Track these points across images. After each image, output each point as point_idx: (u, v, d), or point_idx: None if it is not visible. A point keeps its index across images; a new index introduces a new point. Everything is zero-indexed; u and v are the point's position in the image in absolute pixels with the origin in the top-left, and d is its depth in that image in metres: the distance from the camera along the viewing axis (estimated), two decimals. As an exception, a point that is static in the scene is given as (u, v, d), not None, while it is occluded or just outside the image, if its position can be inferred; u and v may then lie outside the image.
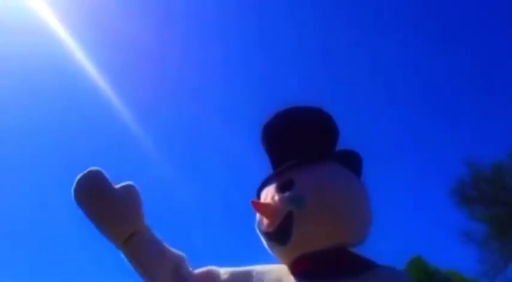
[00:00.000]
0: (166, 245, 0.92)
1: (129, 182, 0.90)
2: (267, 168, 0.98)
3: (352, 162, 0.96)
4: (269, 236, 0.91)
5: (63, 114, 13.03)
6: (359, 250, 0.93)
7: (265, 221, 0.91)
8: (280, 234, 0.88)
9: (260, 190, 0.97)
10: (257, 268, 0.91)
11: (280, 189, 0.91)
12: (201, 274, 0.93)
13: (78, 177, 0.87)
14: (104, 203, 0.86)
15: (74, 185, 0.87)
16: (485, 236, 11.79)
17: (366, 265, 0.87)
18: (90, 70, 9.91)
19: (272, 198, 0.91)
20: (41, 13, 9.59)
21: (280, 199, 0.89)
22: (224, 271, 0.93)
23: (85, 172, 0.87)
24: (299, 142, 0.94)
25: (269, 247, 0.94)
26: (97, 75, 10.10)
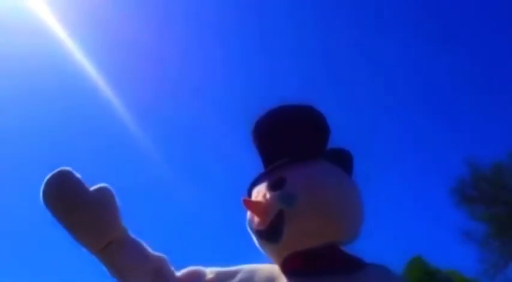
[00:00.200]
0: (145, 248, 0.89)
1: (104, 184, 0.84)
2: (259, 166, 0.97)
3: (343, 160, 0.96)
4: (260, 234, 0.90)
5: (62, 114, 13.03)
6: (354, 248, 0.92)
7: (256, 219, 0.90)
8: (271, 232, 0.87)
9: (251, 188, 0.97)
10: (246, 267, 0.89)
11: (271, 187, 0.90)
12: (185, 275, 0.91)
13: (47, 177, 0.81)
14: (78, 208, 0.80)
15: (43, 186, 0.81)
16: (485, 236, 11.80)
17: (357, 264, 0.87)
18: (89, 70, 9.92)
19: (263, 196, 0.90)
20: (40, 13, 9.60)
21: (271, 197, 0.89)
22: (210, 271, 0.91)
23: (55, 172, 0.81)
24: (290, 140, 0.94)
25: (260, 245, 0.93)
26: (96, 75, 10.11)
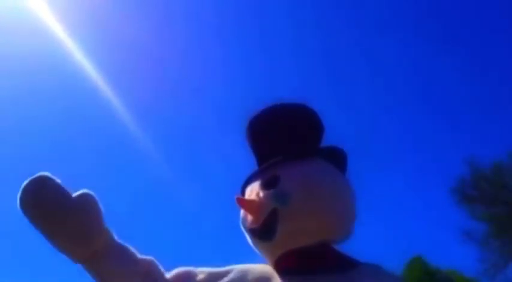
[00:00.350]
0: (132, 253, 0.86)
1: (85, 190, 0.81)
2: (253, 165, 0.97)
3: (337, 158, 0.95)
4: (253, 233, 0.90)
5: (62, 114, 13.04)
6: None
7: (249, 218, 0.90)
8: (264, 230, 0.87)
9: (245, 186, 0.96)
10: (237, 267, 0.89)
11: (265, 185, 0.90)
12: (175, 276, 0.89)
13: (24, 183, 0.77)
14: (58, 215, 0.76)
15: (19, 193, 0.77)
16: (485, 235, 11.78)
17: (350, 262, 0.87)
18: (89, 70, 9.91)
19: (257, 195, 0.90)
20: (40, 13, 9.60)
21: (265, 196, 0.88)
22: (200, 271, 0.90)
23: (32, 178, 0.77)
24: (284, 138, 0.94)
25: (254, 244, 0.93)
26: (96, 75, 10.11)
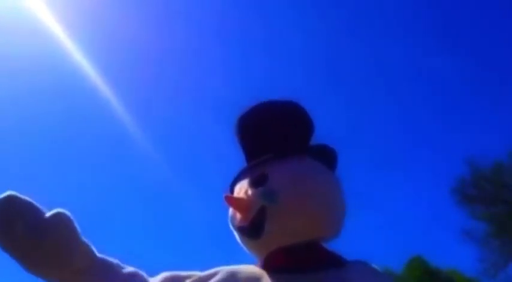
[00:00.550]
0: (114, 267, 0.84)
1: (60, 210, 0.77)
2: (242, 162, 0.96)
3: (326, 156, 0.95)
4: (242, 231, 0.89)
5: (61, 114, 13.05)
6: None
7: (238, 216, 0.89)
8: (252, 229, 0.86)
9: (233, 184, 0.96)
10: (225, 269, 0.87)
11: (253, 183, 0.89)
12: None
13: None
14: (34, 238, 0.73)
15: None
16: (485, 235, 11.78)
17: (338, 260, 0.86)
18: (88, 70, 9.92)
19: (245, 192, 0.89)
20: (39, 14, 9.60)
21: (253, 194, 0.88)
22: (187, 275, 0.87)
23: (1, 197, 0.73)
24: (273, 136, 0.93)
25: (242, 242, 0.92)
26: (95, 75, 10.11)
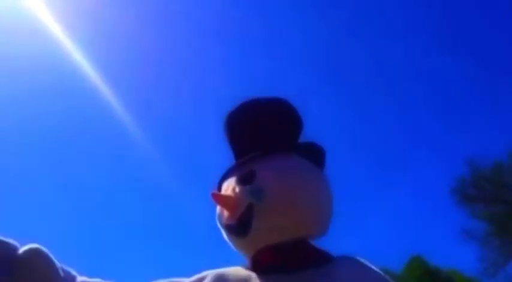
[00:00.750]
0: None
1: (34, 245, 0.76)
2: (230, 160, 0.95)
3: (315, 154, 0.94)
4: (229, 229, 0.89)
5: (61, 114, 13.06)
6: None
7: (225, 214, 0.89)
8: (240, 226, 0.86)
9: (221, 182, 0.95)
10: (213, 272, 0.87)
11: (241, 181, 0.89)
12: None
13: None
14: (4, 276, 0.72)
15: None
16: (485, 234, 11.77)
17: (326, 257, 0.86)
18: (87, 70, 9.94)
19: (233, 190, 0.89)
20: (39, 14, 9.62)
21: (240, 191, 0.87)
22: (174, 281, 0.87)
23: None
24: (261, 133, 0.92)
25: (229, 240, 0.92)
26: (95, 75, 10.13)
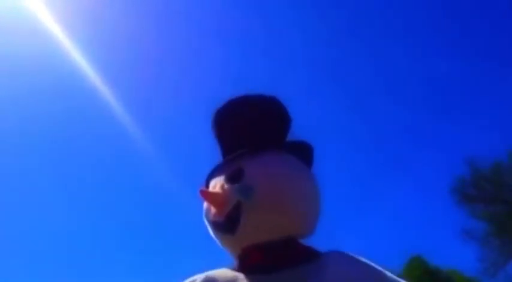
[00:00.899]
0: None
1: None
2: (218, 156, 0.95)
3: (303, 152, 0.94)
4: (216, 226, 0.89)
5: (60, 114, 13.07)
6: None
7: (213, 211, 0.88)
8: (228, 223, 0.85)
9: (209, 179, 0.95)
10: (201, 276, 0.87)
11: (229, 178, 0.88)
12: None
13: None
14: None
15: None
16: (485, 234, 11.77)
17: (313, 254, 0.85)
18: (87, 70, 9.95)
19: (221, 187, 0.89)
20: (38, 14, 9.63)
21: (229, 189, 0.87)
22: None
23: None
24: (249, 130, 0.92)
25: (216, 237, 0.91)
26: (94, 75, 10.14)
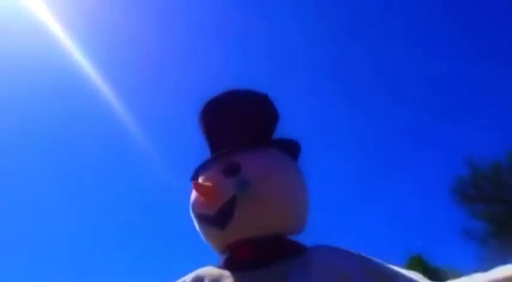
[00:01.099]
0: None
1: None
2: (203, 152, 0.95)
3: (291, 150, 0.94)
4: (207, 219, 0.88)
5: (61, 114, 13.08)
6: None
7: (203, 203, 0.87)
8: (220, 217, 0.85)
9: (197, 173, 0.93)
10: (190, 276, 0.87)
11: (225, 172, 0.88)
12: None
13: None
14: None
15: None
16: (485, 234, 11.77)
17: (300, 249, 0.86)
18: (88, 70, 9.95)
19: (216, 180, 0.87)
20: (39, 14, 9.64)
21: (225, 182, 0.86)
22: None
23: None
24: (241, 125, 0.92)
25: (203, 231, 0.91)
26: (95, 75, 10.14)
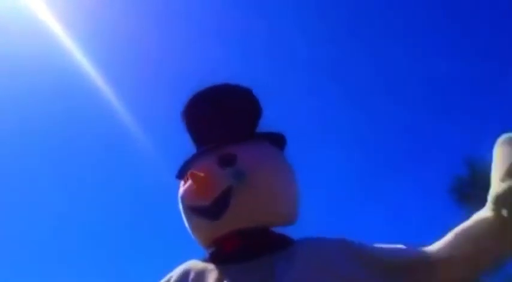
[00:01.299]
0: None
1: None
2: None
3: (279, 143, 0.96)
4: (200, 211, 0.87)
5: (61, 114, 13.08)
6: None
7: (200, 195, 0.86)
8: (214, 208, 0.85)
9: (186, 166, 0.92)
10: (176, 272, 0.88)
11: (221, 163, 0.88)
12: None
13: None
14: None
15: None
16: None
17: (287, 241, 0.87)
18: (88, 70, 9.96)
19: (212, 171, 0.87)
20: (39, 13, 9.65)
21: (222, 173, 0.86)
22: None
23: None
24: (230, 119, 0.93)
25: (194, 223, 0.90)
26: (96, 74, 10.15)
